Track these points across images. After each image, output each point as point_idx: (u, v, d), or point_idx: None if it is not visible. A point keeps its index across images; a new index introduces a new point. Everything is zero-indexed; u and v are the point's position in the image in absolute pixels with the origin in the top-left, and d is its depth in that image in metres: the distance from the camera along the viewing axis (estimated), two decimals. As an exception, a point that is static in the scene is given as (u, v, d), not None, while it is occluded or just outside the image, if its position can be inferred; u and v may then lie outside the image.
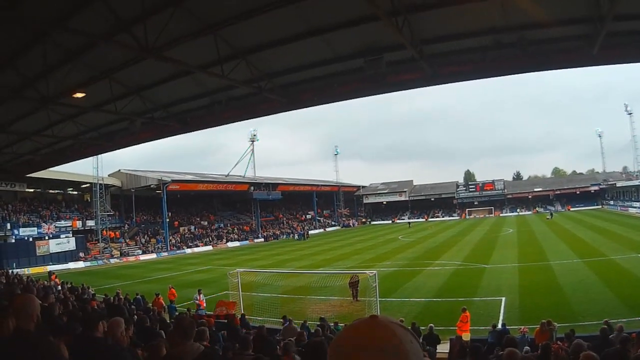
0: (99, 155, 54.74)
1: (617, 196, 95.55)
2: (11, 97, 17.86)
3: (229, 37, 14.34)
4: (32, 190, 65.26)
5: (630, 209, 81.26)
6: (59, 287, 25.76)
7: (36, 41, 13.44)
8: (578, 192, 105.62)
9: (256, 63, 16.24)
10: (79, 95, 17.73)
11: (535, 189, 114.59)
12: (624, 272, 26.71)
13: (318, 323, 15.78)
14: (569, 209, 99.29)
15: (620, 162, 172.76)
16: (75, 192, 73.53)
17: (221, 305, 20.98)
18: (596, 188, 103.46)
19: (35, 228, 58.51)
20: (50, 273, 37.24)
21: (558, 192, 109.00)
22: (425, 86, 18.29)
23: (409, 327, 1.41)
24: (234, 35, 14.34)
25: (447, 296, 23.81)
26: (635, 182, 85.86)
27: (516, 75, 17.99)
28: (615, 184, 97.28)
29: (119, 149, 29.54)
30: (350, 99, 19.57)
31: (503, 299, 22.16)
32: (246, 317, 18.95)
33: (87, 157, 40.72)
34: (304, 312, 19.95)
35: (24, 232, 57.09)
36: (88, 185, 67.16)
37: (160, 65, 15.17)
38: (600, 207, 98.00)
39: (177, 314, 20.33)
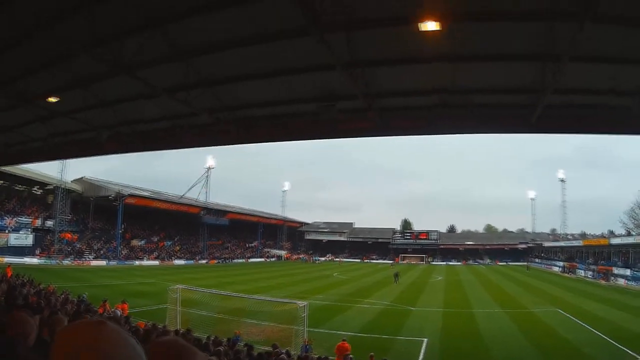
0: (65, 161, 54.06)
1: (543, 255, 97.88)
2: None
3: (199, 66, 14.17)
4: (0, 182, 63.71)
5: (553, 267, 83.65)
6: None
7: (21, 43, 12.96)
8: (507, 249, 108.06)
9: (220, 94, 16.06)
10: (53, 99, 17.24)
11: (467, 242, 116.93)
12: (541, 323, 27.21)
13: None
14: (497, 263, 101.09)
15: (551, 222, 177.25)
16: (40, 192, 71.49)
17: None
18: (524, 246, 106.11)
19: (-2, 219, 56.92)
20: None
21: (488, 246, 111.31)
22: (375, 136, 18.39)
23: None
24: (204, 65, 14.19)
25: (372, 332, 23.60)
26: (561, 244, 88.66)
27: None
28: (542, 243, 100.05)
29: (84, 157, 28.63)
30: (302, 140, 19.44)
31: (425, 340, 22.03)
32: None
33: (54, 160, 39.65)
34: (235, 333, 19.39)
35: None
36: (52, 187, 65.72)
37: (131, 82, 14.84)
38: (526, 263, 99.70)
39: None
